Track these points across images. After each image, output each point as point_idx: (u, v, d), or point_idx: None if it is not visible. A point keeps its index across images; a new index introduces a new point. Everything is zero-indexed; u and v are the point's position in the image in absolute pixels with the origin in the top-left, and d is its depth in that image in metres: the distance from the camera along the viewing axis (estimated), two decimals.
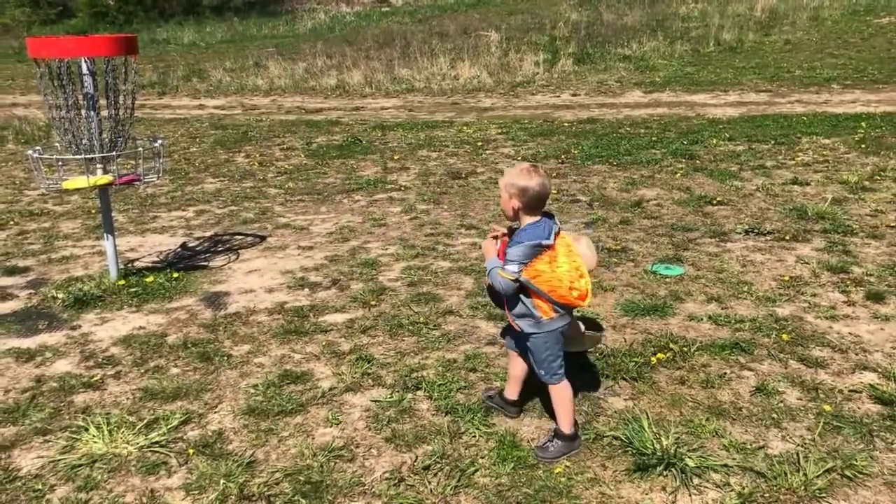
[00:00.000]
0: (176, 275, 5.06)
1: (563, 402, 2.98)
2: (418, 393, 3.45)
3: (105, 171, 4.67)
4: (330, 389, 3.52)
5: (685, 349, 3.75)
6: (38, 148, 4.75)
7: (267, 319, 4.37)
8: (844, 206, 6.14)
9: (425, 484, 2.81)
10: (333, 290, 4.80)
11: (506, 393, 3.26)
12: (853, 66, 13.93)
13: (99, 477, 2.91)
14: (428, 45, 18.48)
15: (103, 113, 4.58)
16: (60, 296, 4.73)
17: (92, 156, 4.56)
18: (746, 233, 5.57)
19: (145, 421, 3.27)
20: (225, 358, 3.89)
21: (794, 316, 4.15)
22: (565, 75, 15.36)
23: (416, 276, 4.95)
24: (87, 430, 3.19)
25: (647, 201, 6.54)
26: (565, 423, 2.97)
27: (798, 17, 18.93)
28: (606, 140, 9.23)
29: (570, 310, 2.93)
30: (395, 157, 8.87)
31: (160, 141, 4.99)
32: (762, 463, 2.85)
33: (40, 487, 2.87)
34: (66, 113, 4.48)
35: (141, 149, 4.96)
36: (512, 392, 3.23)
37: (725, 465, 2.84)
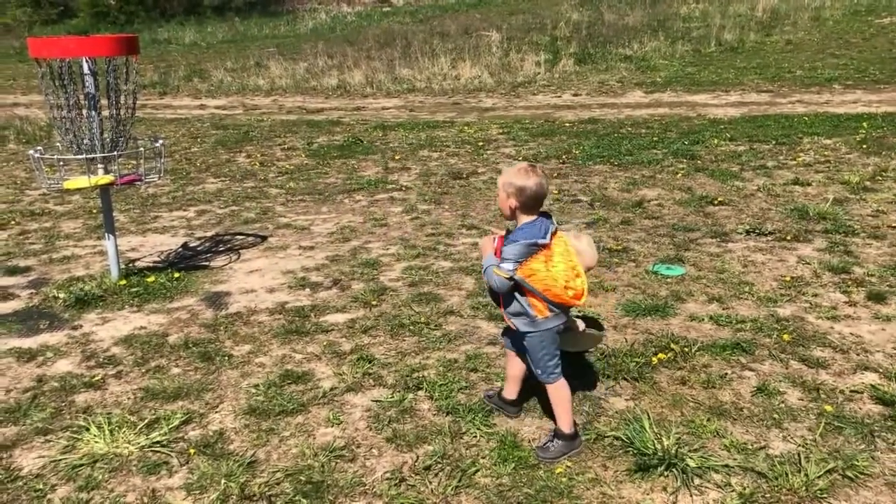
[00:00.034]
0: (177, 275, 5.07)
1: (560, 401, 2.98)
2: (419, 393, 3.45)
3: (106, 171, 4.67)
4: (331, 389, 3.52)
5: (686, 349, 3.75)
6: (39, 148, 4.75)
7: (268, 319, 4.37)
8: (846, 206, 6.13)
9: (426, 484, 2.81)
10: (334, 290, 4.80)
11: (505, 393, 3.26)
12: (854, 66, 13.92)
13: (100, 477, 2.91)
14: (429, 45, 18.49)
15: (104, 113, 4.59)
16: (62, 296, 4.74)
17: (93, 156, 4.57)
18: (748, 233, 5.56)
19: (146, 421, 3.27)
20: (226, 358, 3.89)
21: (795, 316, 4.15)
22: (566, 75, 15.36)
23: (417, 276, 4.95)
24: (88, 429, 3.19)
25: (649, 201, 6.54)
26: (564, 423, 2.97)
27: (799, 18, 18.92)
28: (607, 140, 9.23)
29: (566, 309, 2.92)
30: (397, 158, 8.87)
31: (161, 141, 4.99)
32: (763, 463, 2.85)
33: (41, 487, 2.87)
34: (68, 113, 4.48)
35: (142, 149, 4.97)
36: (511, 392, 3.23)
37: (726, 466, 2.84)
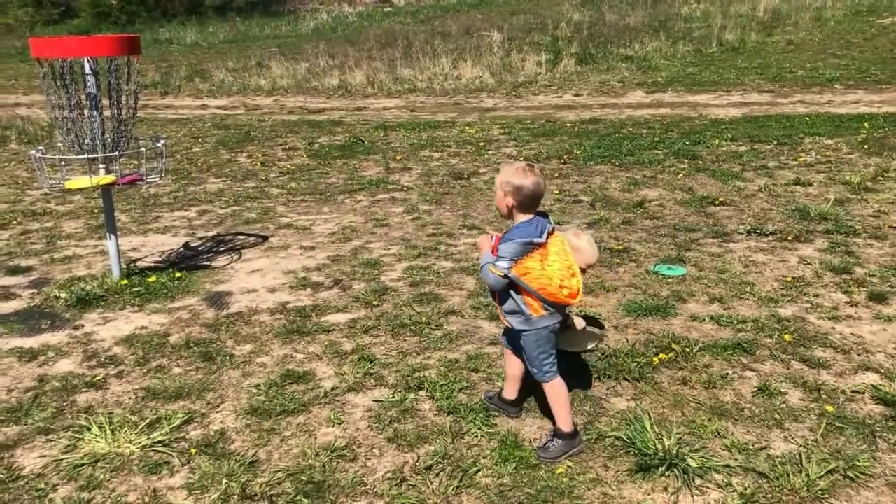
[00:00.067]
0: (178, 275, 5.07)
1: (557, 399, 2.98)
2: (420, 393, 3.45)
3: (108, 171, 4.68)
4: (332, 389, 3.52)
5: (687, 349, 3.74)
6: (41, 148, 4.75)
7: (269, 319, 4.38)
8: (847, 206, 6.13)
9: (427, 484, 2.81)
10: (336, 290, 4.80)
11: (504, 393, 3.26)
12: (856, 66, 13.91)
13: (101, 476, 2.92)
14: (430, 46, 18.49)
15: (106, 113, 4.59)
16: (63, 295, 4.74)
17: (95, 156, 4.57)
18: (749, 233, 5.56)
19: (148, 420, 3.28)
20: (227, 358, 3.89)
21: (796, 316, 4.15)
22: (567, 75, 15.36)
23: (418, 277, 4.95)
24: (89, 429, 3.19)
25: (650, 202, 6.54)
26: (563, 422, 2.96)
27: (801, 18, 18.90)
28: (609, 140, 9.23)
29: (562, 308, 2.92)
30: (398, 158, 8.88)
31: (163, 141, 5.00)
32: (764, 463, 2.85)
33: (43, 487, 2.87)
34: (69, 113, 4.49)
35: (144, 149, 4.97)
36: (510, 392, 3.23)
37: (727, 466, 2.84)
